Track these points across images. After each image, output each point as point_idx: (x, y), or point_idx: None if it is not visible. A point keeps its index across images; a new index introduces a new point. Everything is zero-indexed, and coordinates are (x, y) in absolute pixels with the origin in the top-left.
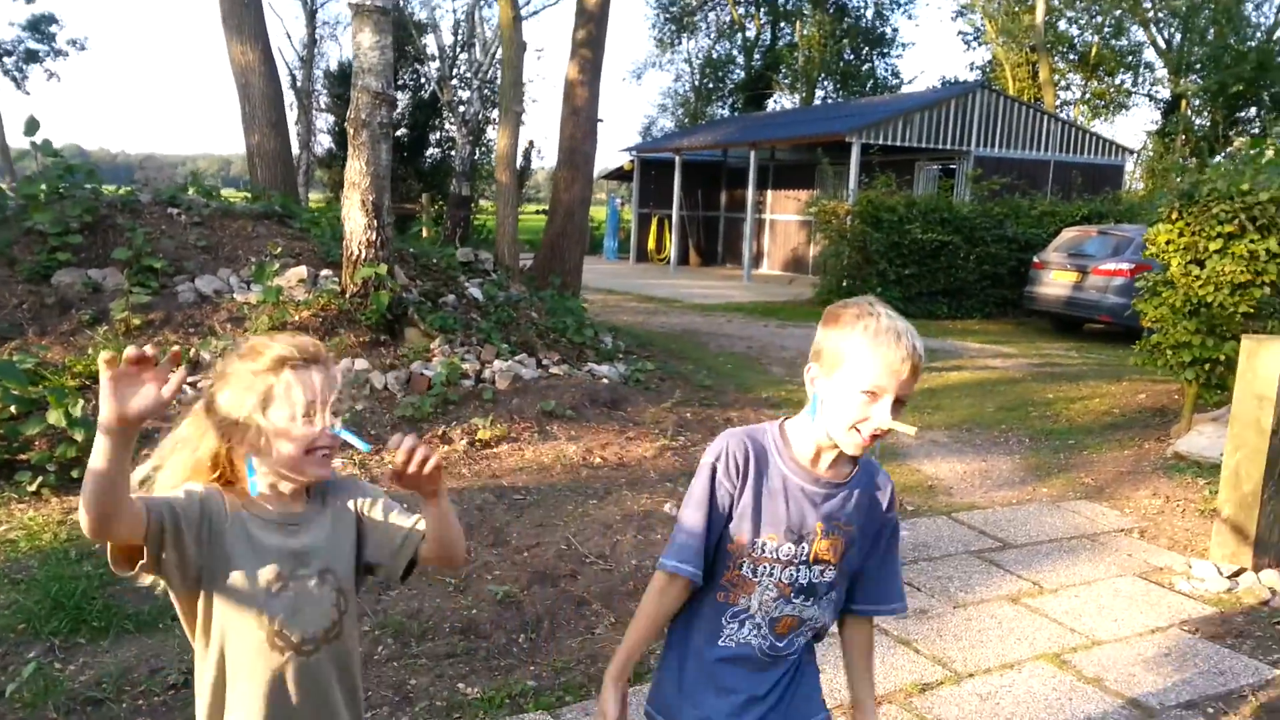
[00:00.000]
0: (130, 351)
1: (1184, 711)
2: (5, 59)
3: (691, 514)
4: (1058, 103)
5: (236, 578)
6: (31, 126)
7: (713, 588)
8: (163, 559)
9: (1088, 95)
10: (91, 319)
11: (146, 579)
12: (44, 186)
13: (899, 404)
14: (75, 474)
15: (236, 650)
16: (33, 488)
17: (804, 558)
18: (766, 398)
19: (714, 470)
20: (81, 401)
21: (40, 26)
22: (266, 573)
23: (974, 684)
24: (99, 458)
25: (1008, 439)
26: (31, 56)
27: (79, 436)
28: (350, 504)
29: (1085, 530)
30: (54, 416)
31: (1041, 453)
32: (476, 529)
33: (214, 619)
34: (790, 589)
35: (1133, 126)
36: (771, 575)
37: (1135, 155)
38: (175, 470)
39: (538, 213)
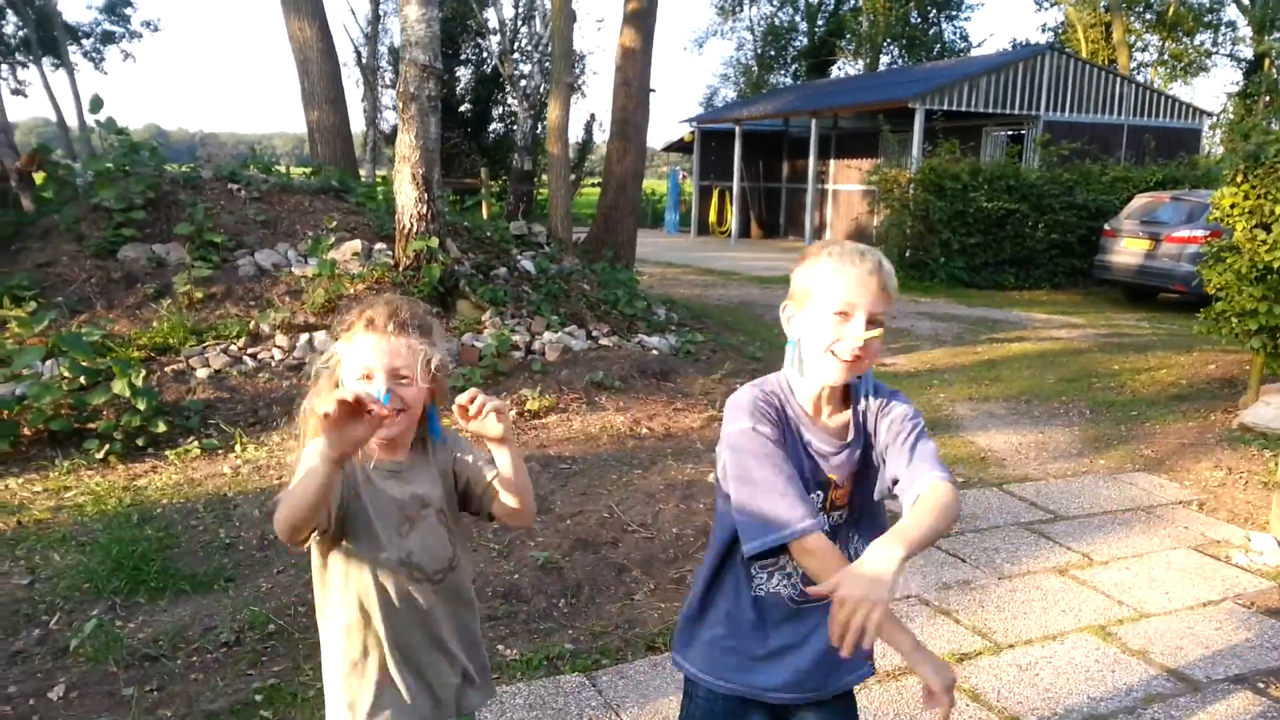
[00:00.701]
0: (341, 400)
1: (1231, 685)
2: (84, 40)
3: (766, 474)
4: (1133, 65)
5: (375, 525)
6: (96, 104)
7: (735, 541)
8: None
9: (1165, 56)
10: (156, 292)
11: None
12: (110, 164)
13: (873, 323)
14: (140, 442)
15: (378, 589)
16: (100, 455)
17: (820, 504)
18: None
19: (754, 430)
20: (145, 372)
21: (116, 8)
22: (397, 517)
23: (1013, 655)
24: (315, 482)
25: (1067, 410)
26: (108, 38)
27: (142, 406)
28: (449, 455)
29: (1141, 502)
30: (119, 386)
31: (1101, 424)
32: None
33: (352, 563)
34: None
35: (1213, 88)
36: None
37: (1214, 118)
38: (306, 419)
39: (595, 185)
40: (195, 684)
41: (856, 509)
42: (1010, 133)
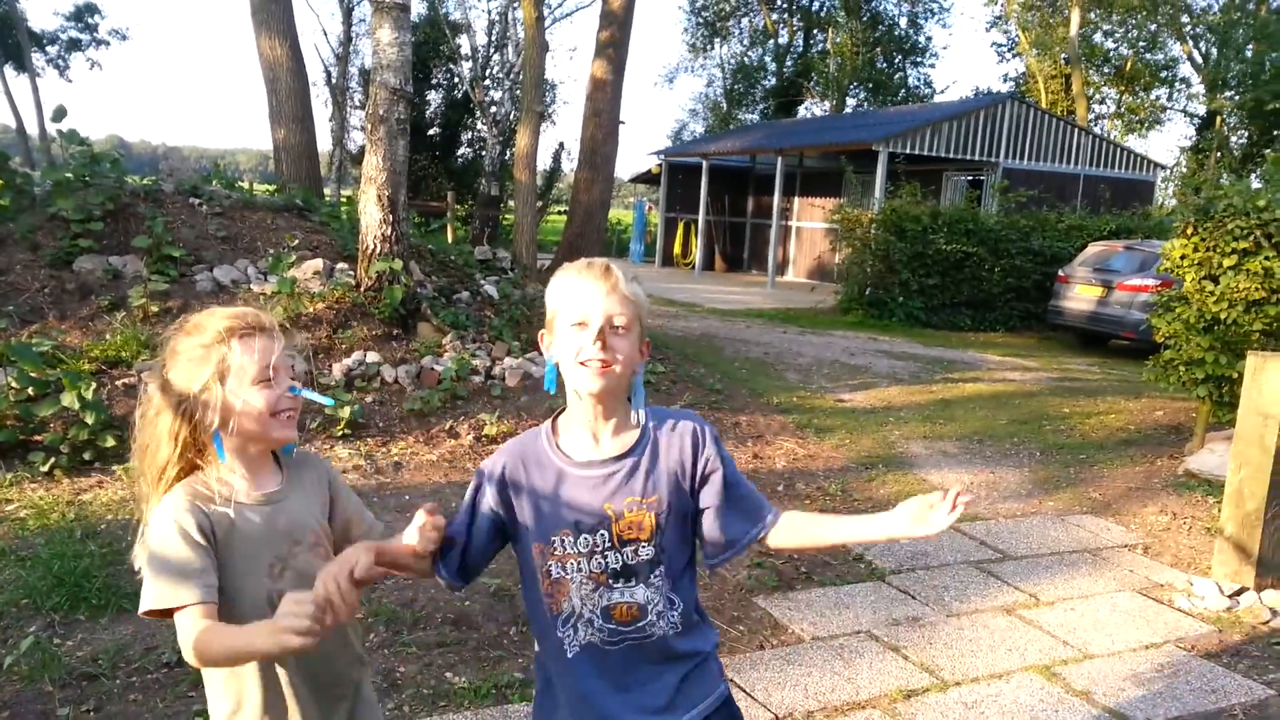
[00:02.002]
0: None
1: None
2: (49, 48)
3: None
4: (1091, 116)
5: (244, 576)
6: (59, 114)
7: (538, 604)
8: None
9: (1122, 109)
10: (110, 305)
11: None
12: (69, 174)
13: (618, 331)
14: (87, 455)
15: None
16: (45, 468)
17: (607, 543)
18: (778, 403)
19: (479, 484)
20: (95, 385)
21: (83, 16)
22: (267, 559)
23: (960, 692)
24: (254, 655)
25: (1018, 452)
26: (74, 45)
27: (90, 419)
28: (318, 475)
29: (1088, 545)
30: (68, 399)
31: (1051, 466)
32: None
33: (233, 614)
34: (605, 576)
35: (1167, 142)
36: (580, 570)
37: (1167, 171)
38: (154, 456)
39: (562, 213)
40: (134, 704)
41: (660, 547)
42: (970, 178)
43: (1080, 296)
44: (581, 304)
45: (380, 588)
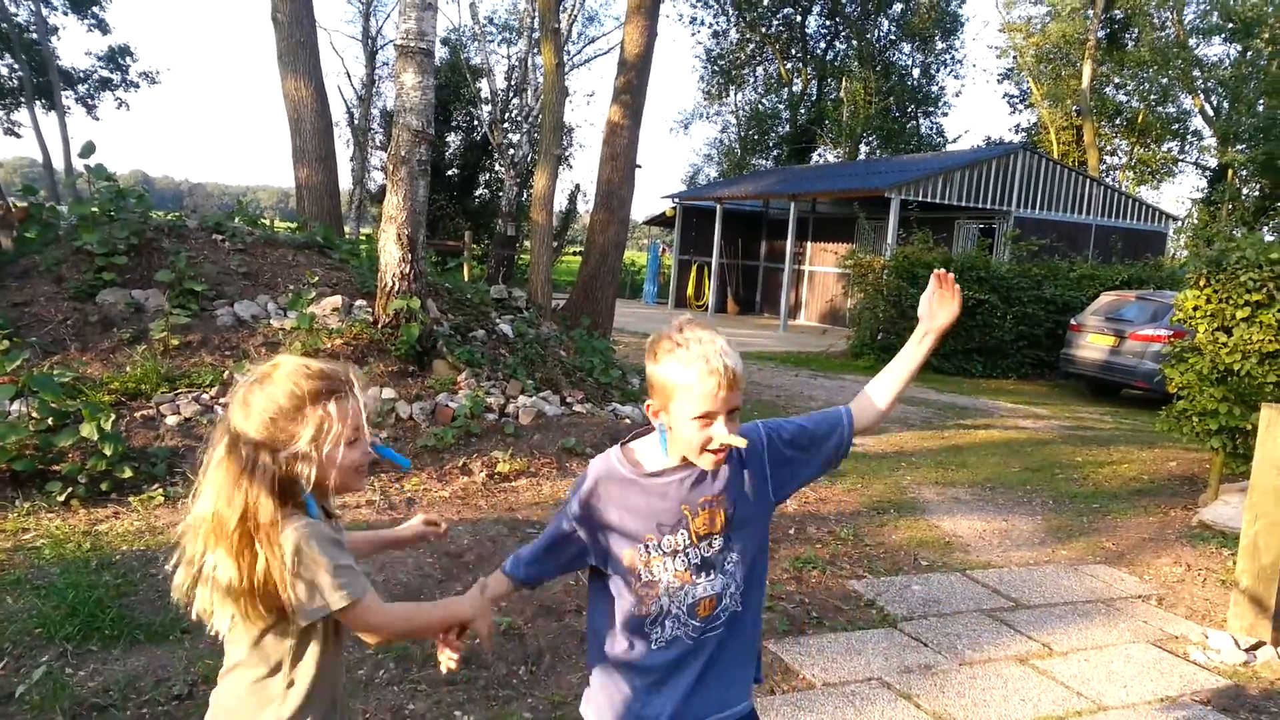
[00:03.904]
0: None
1: None
2: (79, 86)
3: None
4: (1102, 167)
5: None
6: (88, 150)
7: (628, 607)
8: None
9: (1133, 161)
10: (132, 338)
11: None
12: (95, 208)
13: (732, 414)
14: (104, 486)
15: (324, 652)
16: (62, 498)
17: (686, 542)
18: None
19: (564, 509)
20: (114, 417)
21: (116, 59)
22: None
23: None
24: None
25: (1031, 500)
26: (104, 84)
27: (108, 450)
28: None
29: (1101, 595)
30: (87, 430)
31: (1064, 515)
32: (488, 560)
33: (316, 631)
34: (689, 573)
35: (1179, 193)
36: (667, 569)
37: (1179, 222)
38: (264, 514)
39: (576, 254)
40: None
41: (731, 536)
42: (982, 226)
43: (1092, 345)
44: (706, 405)
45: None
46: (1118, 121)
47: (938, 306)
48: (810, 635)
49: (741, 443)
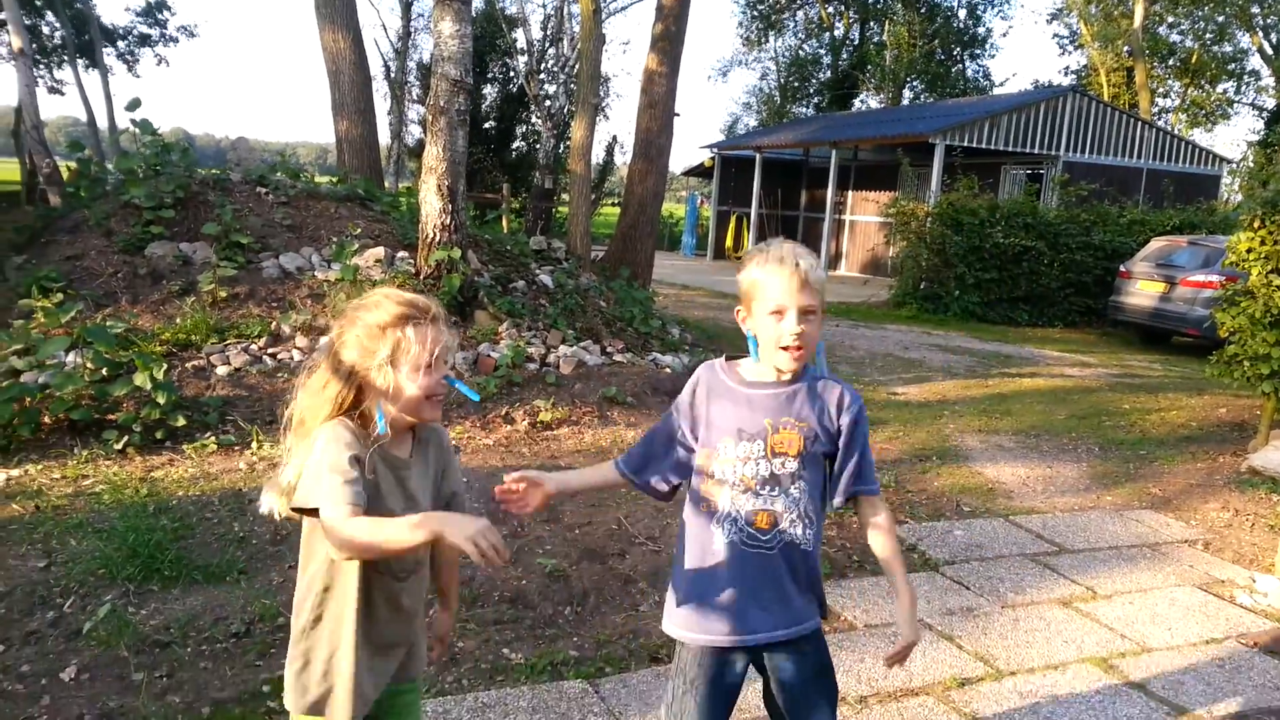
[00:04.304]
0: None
1: None
2: (119, 43)
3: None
4: (1154, 110)
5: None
6: (133, 104)
7: (696, 496)
8: None
9: (1186, 103)
10: (181, 290)
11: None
12: (140, 164)
13: (806, 315)
14: (159, 435)
15: (359, 578)
16: (118, 446)
17: (761, 453)
18: None
19: (672, 410)
20: (166, 366)
21: (154, 13)
22: (384, 512)
23: (1015, 682)
24: (401, 547)
25: (1076, 447)
26: (143, 40)
27: (162, 399)
28: (439, 448)
29: (1147, 539)
30: (140, 379)
31: (1110, 461)
32: None
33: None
34: (755, 482)
35: (1234, 136)
36: (736, 472)
37: (1234, 165)
38: (316, 416)
39: (616, 204)
40: (204, 672)
41: (804, 463)
42: (1029, 171)
43: (1142, 292)
44: (780, 297)
45: (426, 589)
46: (1171, 62)
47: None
48: (851, 579)
49: (809, 339)
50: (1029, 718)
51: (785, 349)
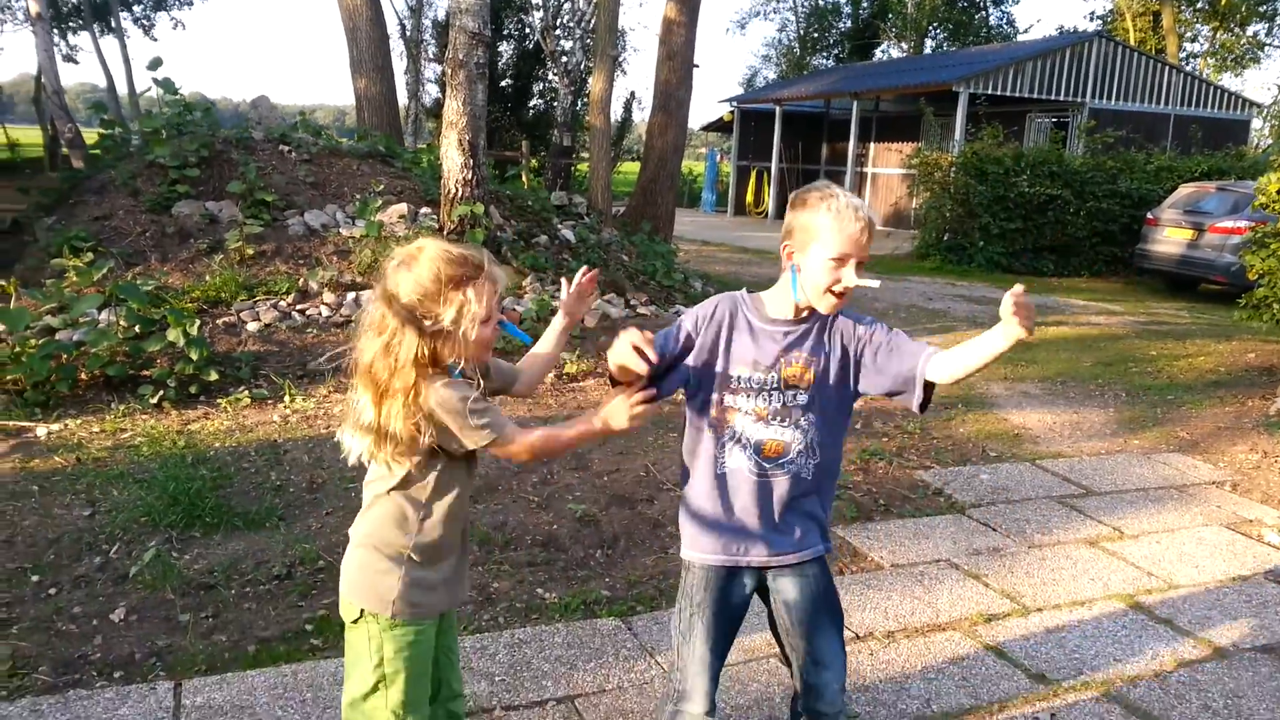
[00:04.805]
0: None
1: (1259, 654)
2: (135, 7)
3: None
4: (1182, 54)
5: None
6: (155, 63)
7: (708, 422)
8: None
9: (1215, 47)
10: (209, 248)
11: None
12: (164, 124)
13: (860, 265)
14: (193, 389)
15: (461, 493)
16: (154, 400)
17: (774, 384)
18: None
19: (683, 320)
20: (198, 322)
21: None
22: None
23: (1041, 618)
24: (584, 443)
25: (1103, 393)
26: (159, 4)
27: (195, 355)
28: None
29: (1174, 481)
30: (174, 335)
31: (1137, 407)
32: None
33: (452, 480)
34: (766, 412)
35: (1264, 80)
36: (749, 400)
37: (1264, 110)
38: (404, 378)
39: (635, 160)
40: (248, 612)
41: (814, 398)
42: (1055, 119)
43: (1169, 240)
44: (845, 246)
45: (473, 512)
46: (1199, 5)
47: (1021, 319)
48: (878, 521)
49: (874, 283)
50: (1055, 651)
51: (837, 295)
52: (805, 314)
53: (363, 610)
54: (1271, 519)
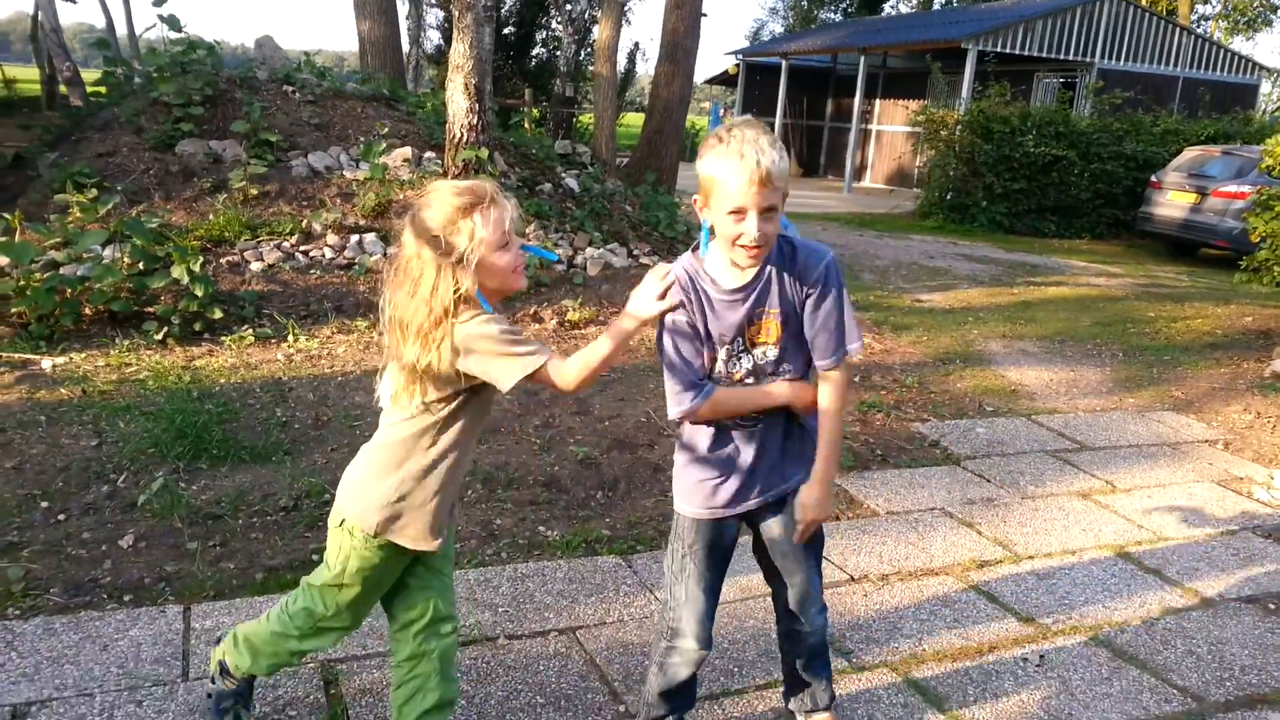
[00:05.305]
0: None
1: (1243, 604)
2: None
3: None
4: (1193, 16)
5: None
6: None
7: None
8: None
9: (1228, 9)
10: (212, 187)
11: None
12: (168, 61)
13: (767, 213)
14: (197, 327)
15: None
16: (158, 336)
17: (741, 348)
18: (853, 301)
19: (667, 320)
20: (202, 259)
21: None
22: None
23: (1032, 565)
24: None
25: (1100, 352)
26: None
27: (199, 292)
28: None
29: (1168, 439)
30: (178, 272)
31: (1134, 366)
32: (560, 399)
33: (482, 397)
34: (740, 374)
35: (1275, 44)
36: (723, 366)
37: (1274, 75)
38: (419, 323)
39: (639, 111)
40: (255, 542)
41: (785, 347)
42: (1063, 79)
43: (1172, 203)
44: (737, 196)
45: (475, 452)
46: None
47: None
48: (875, 470)
49: (792, 228)
50: (1045, 596)
51: (744, 248)
52: (761, 269)
53: (343, 520)
54: (1262, 477)
